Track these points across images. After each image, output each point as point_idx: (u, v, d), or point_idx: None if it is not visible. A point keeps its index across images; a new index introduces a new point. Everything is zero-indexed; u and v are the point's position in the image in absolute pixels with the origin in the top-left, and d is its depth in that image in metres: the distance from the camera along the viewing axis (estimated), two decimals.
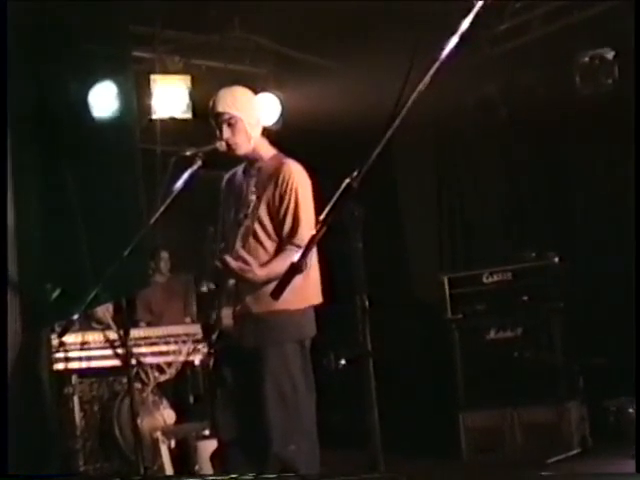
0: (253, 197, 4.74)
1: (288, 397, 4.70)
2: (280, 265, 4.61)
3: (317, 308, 4.89)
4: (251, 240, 4.72)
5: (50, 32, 7.19)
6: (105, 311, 7.78)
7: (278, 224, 4.74)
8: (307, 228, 4.65)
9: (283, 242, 4.72)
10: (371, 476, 3.26)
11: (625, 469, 6.61)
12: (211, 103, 4.90)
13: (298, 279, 3.12)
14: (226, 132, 4.83)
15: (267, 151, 4.98)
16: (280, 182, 4.76)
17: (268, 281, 4.59)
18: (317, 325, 4.88)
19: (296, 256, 3.01)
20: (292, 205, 4.73)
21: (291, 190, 4.74)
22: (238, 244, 4.65)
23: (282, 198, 4.74)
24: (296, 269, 3.01)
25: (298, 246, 4.63)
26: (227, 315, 4.71)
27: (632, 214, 7.96)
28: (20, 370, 6.63)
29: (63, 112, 7.35)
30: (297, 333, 4.78)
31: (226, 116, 4.84)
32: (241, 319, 4.71)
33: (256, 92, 5.15)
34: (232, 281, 4.70)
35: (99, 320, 7.93)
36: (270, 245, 4.78)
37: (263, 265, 4.65)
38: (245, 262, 4.54)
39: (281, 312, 4.64)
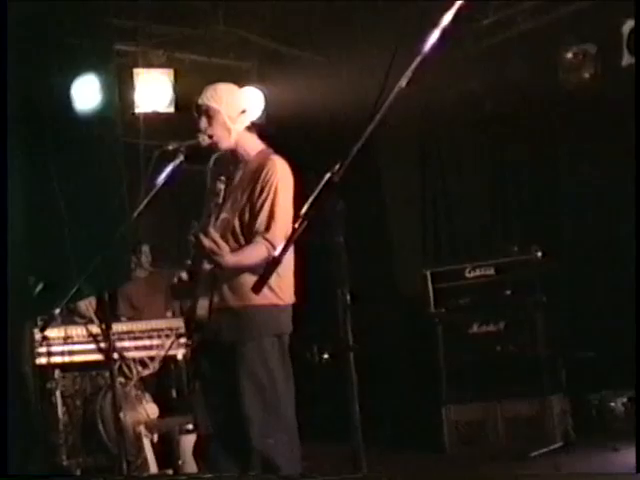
0: (223, 185, 4.74)
1: (266, 391, 4.70)
2: (248, 255, 4.63)
3: (301, 302, 4.89)
4: (229, 234, 4.72)
5: (33, 26, 7.17)
6: (88, 305, 7.77)
7: (253, 217, 4.72)
8: (281, 225, 4.65)
9: (254, 235, 4.70)
10: (353, 476, 3.25)
11: (607, 462, 6.65)
12: (195, 98, 4.91)
13: (276, 274, 3.14)
14: (203, 123, 4.83)
15: (254, 146, 4.96)
16: (262, 177, 4.75)
17: (235, 269, 4.60)
18: (301, 319, 4.88)
19: (277, 250, 3.03)
20: (269, 200, 4.72)
21: (271, 185, 4.73)
22: (214, 230, 4.63)
23: (261, 192, 4.73)
24: (277, 263, 3.02)
25: (268, 240, 4.63)
26: (202, 306, 4.71)
27: (617, 207, 8.02)
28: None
29: (46, 106, 7.34)
30: (275, 328, 4.77)
31: (204, 107, 4.85)
32: (219, 313, 4.71)
33: (240, 86, 5.14)
34: (208, 267, 4.69)
35: (82, 314, 7.91)
36: (245, 241, 4.77)
37: (233, 252, 4.63)
38: (217, 245, 4.52)
39: (259, 306, 4.65)
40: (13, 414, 6.37)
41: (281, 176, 4.79)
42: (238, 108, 4.91)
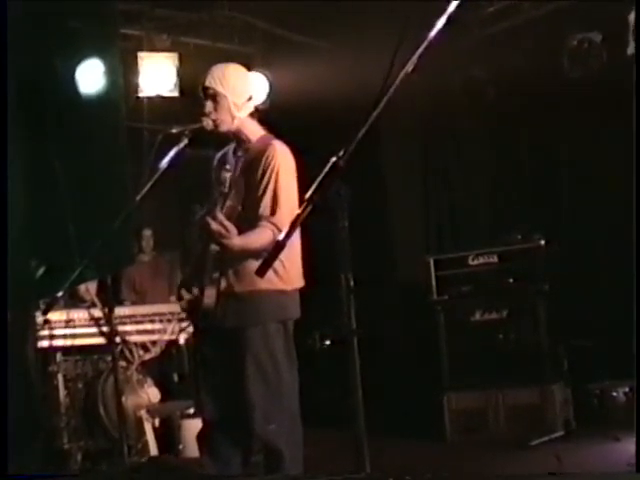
0: (229, 174, 4.72)
1: (269, 377, 4.70)
2: (255, 239, 4.62)
3: (303, 289, 4.89)
4: (235, 221, 4.70)
5: (38, 9, 7.15)
6: (86, 289, 7.78)
7: (257, 202, 4.71)
8: (286, 209, 4.64)
9: (259, 219, 4.69)
10: (357, 476, 3.25)
11: (608, 451, 6.65)
12: (202, 77, 4.88)
13: (281, 260, 3.14)
14: (208, 106, 4.81)
15: (255, 132, 4.95)
16: (263, 162, 4.74)
17: (242, 252, 4.59)
18: (302, 305, 4.88)
19: (281, 234, 3.02)
20: (271, 184, 4.71)
21: (272, 170, 4.72)
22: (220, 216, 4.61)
23: (263, 177, 4.72)
24: (281, 247, 3.01)
25: (274, 225, 4.62)
26: (209, 295, 4.70)
27: (620, 196, 7.99)
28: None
29: (50, 90, 7.32)
30: (279, 313, 4.77)
31: (210, 91, 4.82)
32: (224, 298, 4.71)
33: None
34: (215, 250, 4.69)
35: (81, 298, 7.93)
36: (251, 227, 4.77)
37: (240, 236, 4.62)
38: (224, 227, 4.52)
39: (263, 292, 4.65)
40: (13, 414, 6.37)
41: (282, 160, 4.78)
42: (245, 95, 4.89)
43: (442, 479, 4.06)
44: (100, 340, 7.60)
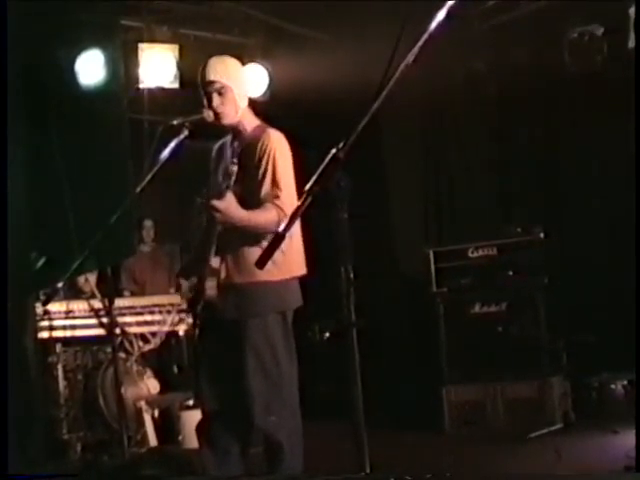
0: (235, 167, 4.73)
1: (269, 368, 4.71)
2: (259, 213, 4.66)
3: (302, 280, 4.90)
4: None
5: (39, 1, 7.15)
6: (85, 280, 7.79)
7: (257, 188, 4.73)
8: (287, 191, 4.69)
9: (262, 202, 4.71)
10: (357, 476, 3.26)
11: (606, 444, 6.66)
12: (201, 71, 4.88)
13: (281, 249, 3.14)
14: (216, 100, 4.82)
15: (251, 122, 4.99)
16: (258, 149, 4.77)
17: (247, 228, 4.62)
18: (302, 297, 4.89)
19: (281, 226, 3.03)
20: (270, 169, 4.74)
21: (269, 154, 4.74)
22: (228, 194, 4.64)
23: (260, 163, 4.75)
24: (281, 238, 3.01)
25: (278, 206, 4.63)
26: (211, 286, 4.71)
27: (619, 189, 8.00)
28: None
29: (51, 80, 7.32)
30: (279, 304, 4.79)
31: (217, 85, 4.83)
32: (224, 290, 4.72)
33: (244, 63, 5.15)
34: (217, 233, 4.71)
35: (80, 290, 7.94)
36: None
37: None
38: (229, 204, 4.57)
39: (263, 283, 4.66)
40: (13, 405, 6.38)
41: (277, 145, 4.81)
42: (247, 86, 4.93)
43: (442, 479, 4.06)
44: (100, 331, 7.62)
